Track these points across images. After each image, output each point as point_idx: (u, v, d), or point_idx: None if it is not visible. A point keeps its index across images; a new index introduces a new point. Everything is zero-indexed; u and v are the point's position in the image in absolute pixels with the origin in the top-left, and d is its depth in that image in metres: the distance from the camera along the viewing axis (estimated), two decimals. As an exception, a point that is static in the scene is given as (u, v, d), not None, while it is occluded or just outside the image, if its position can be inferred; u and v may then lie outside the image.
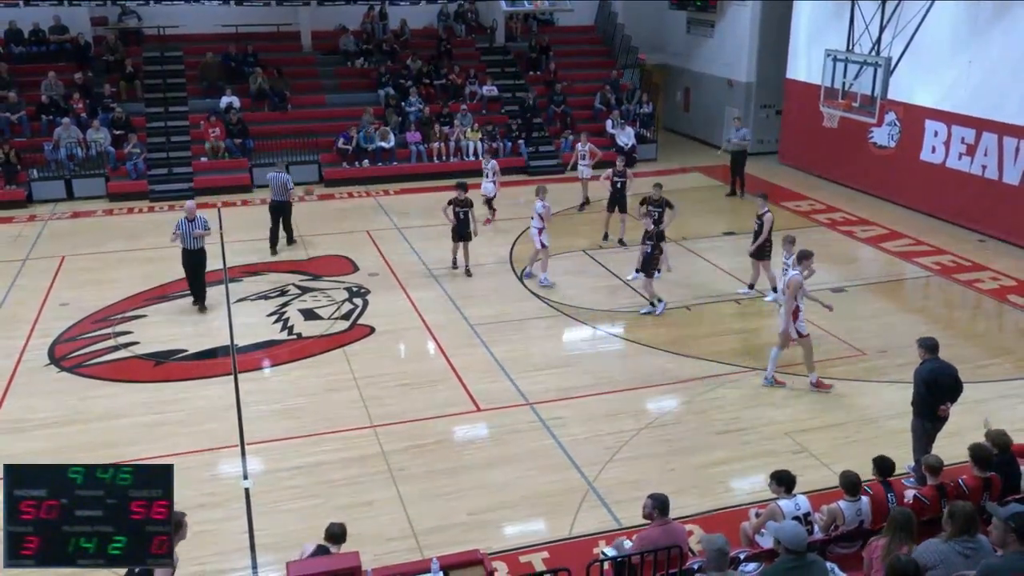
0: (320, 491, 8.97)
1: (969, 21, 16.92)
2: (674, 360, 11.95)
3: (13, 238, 17.26)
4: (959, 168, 17.54)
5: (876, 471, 7.35)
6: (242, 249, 16.53)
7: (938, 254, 16.19)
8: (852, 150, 20.27)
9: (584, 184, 19.00)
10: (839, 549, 6.98)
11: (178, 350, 12.33)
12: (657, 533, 6.74)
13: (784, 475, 7.23)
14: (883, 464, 7.36)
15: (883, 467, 7.35)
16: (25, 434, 10.11)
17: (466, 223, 14.74)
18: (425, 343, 12.58)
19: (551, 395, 10.97)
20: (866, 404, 10.73)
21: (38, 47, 22.25)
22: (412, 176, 21.46)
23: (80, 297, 14.17)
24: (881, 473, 7.33)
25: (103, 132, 20.33)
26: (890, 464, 7.37)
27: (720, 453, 9.67)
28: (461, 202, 14.68)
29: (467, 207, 14.72)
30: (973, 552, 5.90)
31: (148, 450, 9.62)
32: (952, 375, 8.65)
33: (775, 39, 22.73)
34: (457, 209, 14.69)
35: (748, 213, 19.10)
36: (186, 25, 23.35)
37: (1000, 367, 11.73)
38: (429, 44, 25.01)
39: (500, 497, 8.88)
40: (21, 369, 11.76)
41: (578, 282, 14.85)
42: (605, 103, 23.82)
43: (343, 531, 6.93)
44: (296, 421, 10.35)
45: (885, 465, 7.35)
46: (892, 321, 12.99)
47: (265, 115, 22.18)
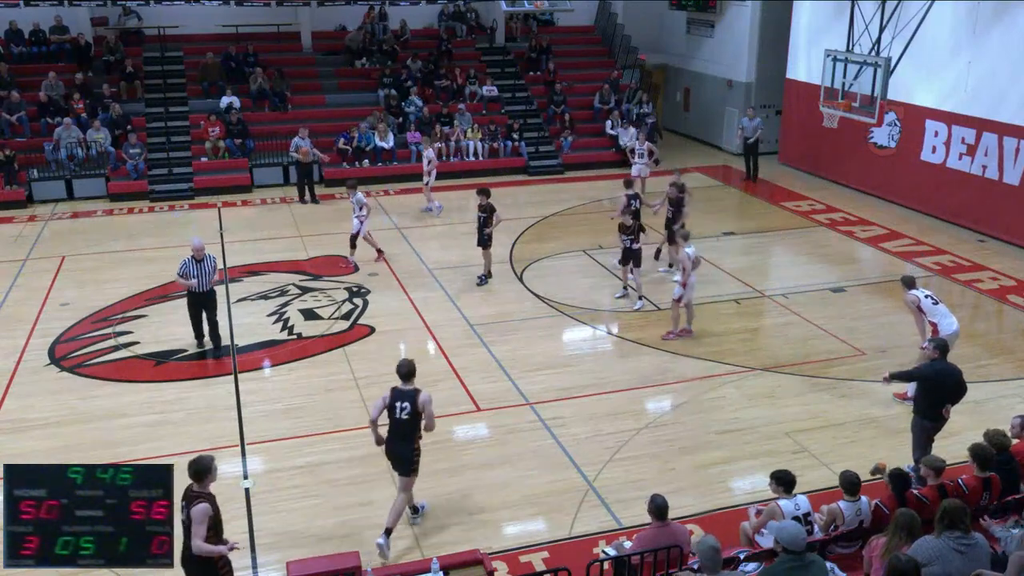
0: (320, 491, 8.97)
1: (969, 21, 16.93)
2: (674, 360, 11.96)
3: (13, 238, 17.27)
4: (959, 168, 17.54)
5: (893, 486, 7.26)
6: (242, 249, 16.54)
7: (938, 254, 16.20)
8: (852, 150, 20.28)
9: (641, 183, 18.86)
10: (839, 549, 6.99)
11: (178, 350, 12.33)
12: (656, 533, 6.74)
13: (784, 475, 7.24)
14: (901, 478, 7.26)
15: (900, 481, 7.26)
16: (25, 434, 10.12)
17: (479, 229, 14.54)
18: (425, 343, 12.58)
19: (551, 395, 10.97)
20: (866, 404, 10.73)
21: (38, 47, 22.26)
22: (412, 176, 21.45)
23: (80, 297, 14.18)
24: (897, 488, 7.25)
25: (103, 132, 20.33)
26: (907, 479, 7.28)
27: (720, 453, 9.68)
28: (480, 207, 14.49)
29: (484, 212, 14.40)
30: (968, 548, 5.94)
31: (148, 450, 9.62)
32: (956, 377, 8.67)
33: (775, 39, 22.73)
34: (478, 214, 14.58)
35: (749, 212, 19.17)
36: (186, 25, 23.34)
37: (1000, 367, 11.73)
38: (429, 44, 25.02)
39: (500, 497, 8.88)
40: (21, 369, 11.76)
41: (578, 282, 14.86)
42: (605, 102, 23.86)
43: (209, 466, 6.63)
44: (296, 421, 10.35)
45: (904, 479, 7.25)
46: (892, 321, 12.99)
47: (265, 115, 22.19)
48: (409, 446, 7.96)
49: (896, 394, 10.78)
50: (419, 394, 7.86)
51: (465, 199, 20.20)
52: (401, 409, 7.84)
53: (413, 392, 7.86)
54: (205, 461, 6.56)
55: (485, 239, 14.43)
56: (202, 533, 6.28)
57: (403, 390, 7.90)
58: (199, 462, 6.53)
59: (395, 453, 8.04)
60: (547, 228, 17.95)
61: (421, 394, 7.86)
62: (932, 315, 10.34)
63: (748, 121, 20.81)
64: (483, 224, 14.39)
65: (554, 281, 14.83)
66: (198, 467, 6.51)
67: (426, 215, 18.80)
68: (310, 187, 19.88)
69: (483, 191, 14.62)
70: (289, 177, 20.97)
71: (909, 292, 10.54)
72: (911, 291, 10.54)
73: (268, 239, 17.14)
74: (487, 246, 14.50)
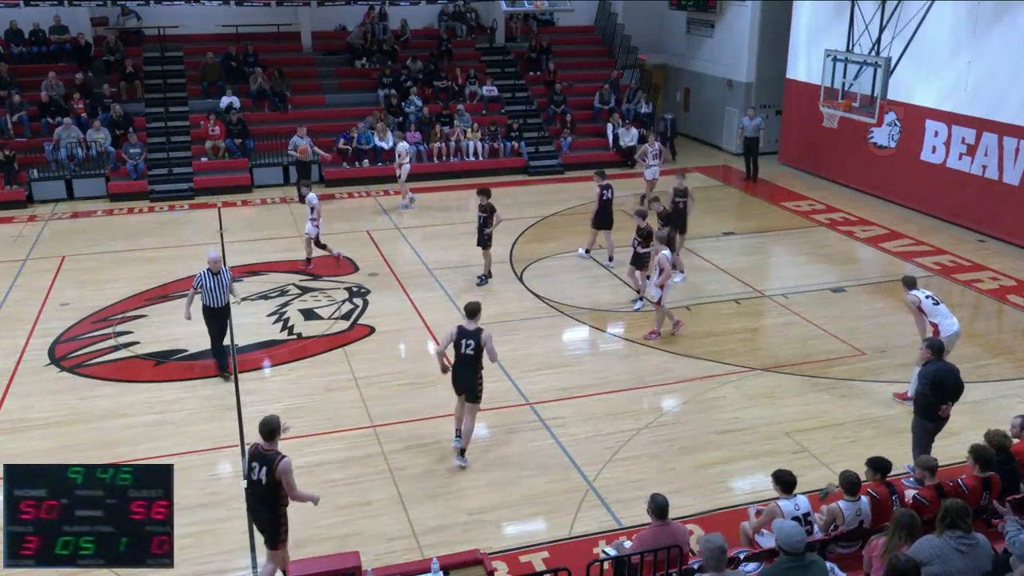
0: (320, 491, 8.93)
1: (969, 21, 16.93)
2: (674, 360, 11.96)
3: (13, 238, 17.27)
4: (959, 168, 17.54)
5: (873, 472, 7.33)
6: (242, 249, 16.54)
7: (938, 254, 16.20)
8: (852, 150, 20.28)
9: (651, 185, 18.89)
10: (839, 549, 6.99)
11: (178, 350, 12.33)
12: (656, 533, 6.74)
13: (784, 475, 7.22)
14: (880, 464, 7.35)
15: (880, 467, 7.33)
16: (25, 434, 10.12)
17: (479, 229, 14.50)
18: (425, 343, 12.58)
19: (551, 395, 10.97)
20: (866, 404, 10.73)
21: (38, 47, 22.26)
22: (412, 176, 21.42)
23: (80, 297, 14.18)
24: (879, 472, 7.32)
25: (103, 132, 20.33)
26: (887, 464, 7.37)
27: (720, 453, 9.68)
28: (480, 207, 14.45)
29: (484, 212, 14.37)
30: (970, 548, 5.94)
31: (148, 450, 9.63)
32: (955, 376, 8.68)
33: (775, 39, 22.73)
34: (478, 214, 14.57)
35: (749, 212, 19.17)
36: (186, 25, 23.34)
37: (1000, 367, 11.74)
38: (429, 44, 25.02)
39: (500, 497, 8.89)
40: (21, 369, 11.76)
41: (578, 282, 14.86)
42: (605, 102, 23.86)
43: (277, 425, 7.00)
44: (296, 421, 10.33)
45: (882, 465, 7.34)
46: (892, 321, 12.99)
47: (265, 115, 22.19)
48: (473, 376, 9.29)
49: (896, 394, 10.78)
50: (481, 332, 9.16)
51: (465, 199, 20.22)
52: (466, 345, 9.18)
53: (477, 331, 9.17)
54: (275, 419, 6.96)
55: (485, 239, 14.42)
56: (295, 482, 6.85)
57: (467, 329, 9.22)
58: (271, 422, 6.95)
59: (462, 382, 9.33)
60: (547, 228, 17.95)
61: (483, 332, 9.16)
62: (933, 316, 10.34)
63: (749, 120, 20.86)
64: (483, 224, 14.38)
65: (554, 281, 14.83)
66: (271, 426, 6.92)
67: (424, 212, 18.79)
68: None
69: (483, 191, 14.61)
70: (289, 177, 20.97)
71: (910, 293, 10.53)
72: (912, 292, 10.54)
73: (268, 239, 17.14)
74: (487, 246, 14.49)
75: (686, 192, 14.92)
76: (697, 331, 12.83)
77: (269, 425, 6.96)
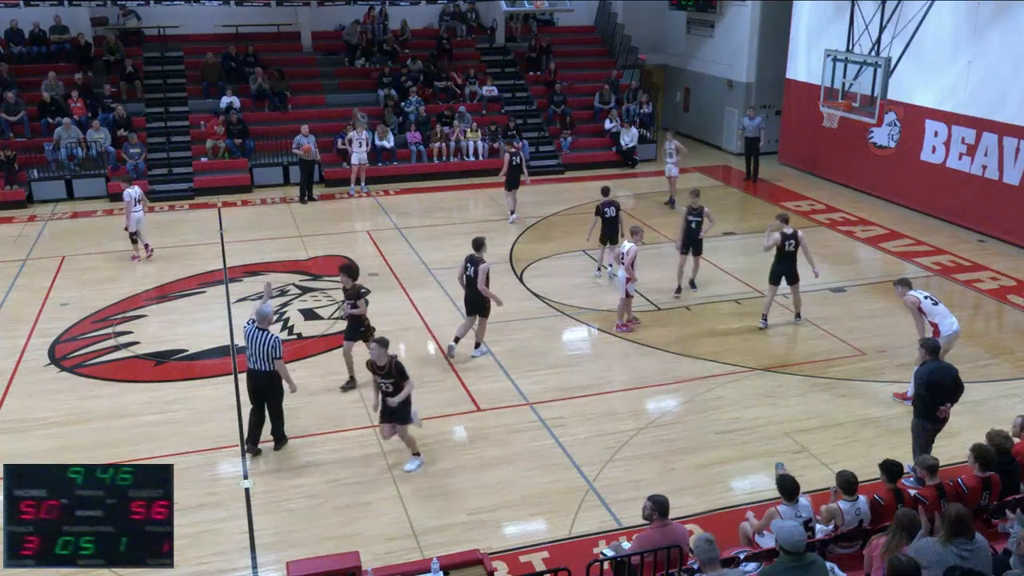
0: (320, 491, 8.97)
1: (969, 21, 16.93)
2: (674, 360, 11.96)
3: (13, 238, 17.27)
4: (959, 168, 17.54)
5: (887, 477, 7.28)
6: (242, 249, 16.54)
7: (938, 254, 16.20)
8: (852, 150, 20.28)
9: (672, 182, 18.92)
10: (839, 549, 6.98)
11: (178, 350, 12.33)
12: (656, 534, 6.74)
13: (787, 485, 7.11)
14: (891, 469, 7.29)
15: (892, 472, 7.28)
16: (25, 434, 10.11)
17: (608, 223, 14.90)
18: (425, 343, 12.58)
19: (551, 395, 10.97)
20: (866, 404, 10.73)
21: (38, 47, 22.26)
22: (412, 176, 21.47)
23: (80, 297, 14.18)
24: (891, 479, 7.27)
25: (103, 132, 20.33)
26: (899, 470, 7.33)
27: (720, 453, 9.67)
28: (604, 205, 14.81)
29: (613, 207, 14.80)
30: (971, 554, 5.89)
31: (148, 450, 9.62)
32: (953, 376, 8.65)
33: (775, 39, 22.73)
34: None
35: (749, 212, 19.17)
36: (186, 25, 23.34)
37: (1000, 367, 11.73)
38: (429, 44, 25.01)
39: (500, 497, 8.89)
40: (21, 369, 11.76)
41: (578, 282, 14.86)
42: (605, 102, 23.86)
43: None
44: (296, 421, 10.34)
45: (894, 470, 7.29)
46: (892, 321, 12.99)
47: (265, 115, 22.19)
48: (477, 295, 11.48)
49: (896, 394, 10.78)
50: (480, 263, 11.35)
51: (465, 199, 20.25)
52: (469, 270, 11.48)
53: (477, 260, 11.39)
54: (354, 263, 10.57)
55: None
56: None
57: (471, 256, 11.52)
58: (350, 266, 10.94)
59: (469, 300, 11.69)
60: (547, 228, 17.96)
61: (481, 264, 11.35)
62: (932, 316, 10.34)
63: (749, 120, 20.87)
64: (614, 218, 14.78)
65: (554, 281, 14.82)
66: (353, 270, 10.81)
67: (424, 212, 18.79)
68: (309, 186, 19.87)
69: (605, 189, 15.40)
70: (289, 177, 20.97)
71: (909, 293, 10.53)
72: (911, 292, 10.53)
73: (268, 239, 17.14)
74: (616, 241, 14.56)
75: (701, 212, 13.96)
76: (697, 331, 12.83)
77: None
